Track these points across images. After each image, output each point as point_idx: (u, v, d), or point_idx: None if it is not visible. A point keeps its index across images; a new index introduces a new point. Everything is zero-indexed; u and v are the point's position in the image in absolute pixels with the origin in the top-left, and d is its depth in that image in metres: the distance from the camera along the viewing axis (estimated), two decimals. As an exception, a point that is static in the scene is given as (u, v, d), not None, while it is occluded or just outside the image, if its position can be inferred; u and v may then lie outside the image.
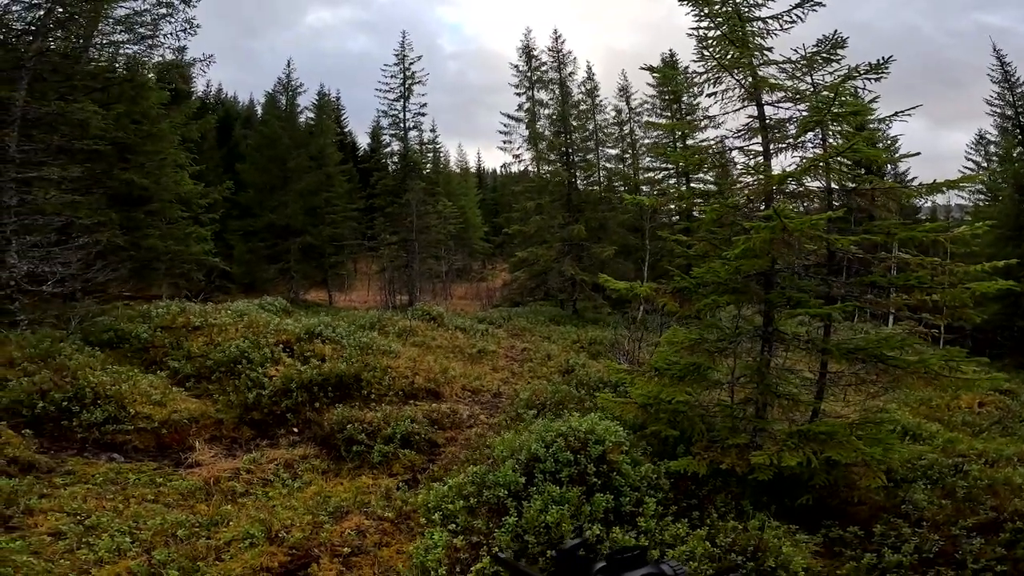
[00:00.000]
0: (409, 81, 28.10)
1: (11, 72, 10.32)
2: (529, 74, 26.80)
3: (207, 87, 39.19)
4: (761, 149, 5.57)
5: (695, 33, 5.32)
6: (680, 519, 4.59)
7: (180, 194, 16.98)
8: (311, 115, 32.61)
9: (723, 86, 5.39)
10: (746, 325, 6.83)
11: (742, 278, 5.65)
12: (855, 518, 4.85)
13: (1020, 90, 25.24)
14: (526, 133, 26.76)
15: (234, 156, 30.12)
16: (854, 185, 5.96)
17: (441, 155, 37.00)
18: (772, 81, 5.23)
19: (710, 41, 5.26)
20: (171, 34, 14.09)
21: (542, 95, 26.39)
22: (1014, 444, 6.95)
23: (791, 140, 5.49)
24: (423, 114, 28.86)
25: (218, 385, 7.89)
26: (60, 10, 11.15)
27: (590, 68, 27.10)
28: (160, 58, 14.68)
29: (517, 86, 27.29)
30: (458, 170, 49.42)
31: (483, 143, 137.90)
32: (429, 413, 7.29)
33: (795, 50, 5.54)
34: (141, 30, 13.62)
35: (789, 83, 5.41)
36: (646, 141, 28.79)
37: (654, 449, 5.54)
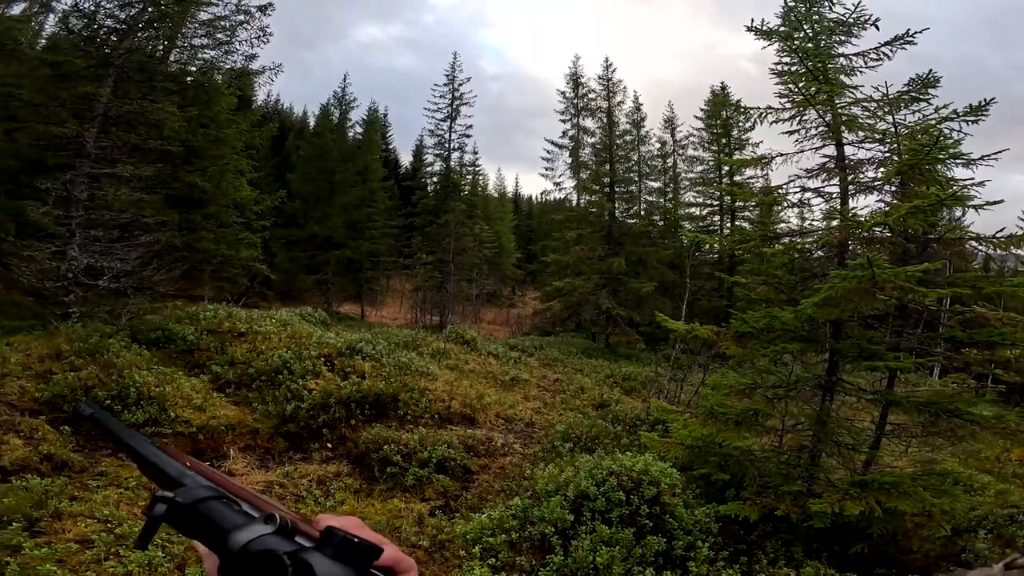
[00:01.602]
0: (457, 102, 28.68)
1: (99, 69, 10.77)
2: (575, 101, 26.97)
3: (267, 96, 41.07)
4: (838, 191, 5.30)
5: (776, 68, 5.15)
6: (731, 564, 4.41)
7: (236, 199, 17.44)
8: (360, 130, 33.59)
9: (803, 124, 5.17)
10: (803, 372, 6.56)
11: (811, 326, 5.39)
12: (911, 567, 4.76)
13: None
14: (569, 161, 26.83)
15: (286, 166, 31.08)
16: (936, 235, 5.65)
17: (480, 178, 37.48)
18: (854, 121, 5.00)
19: (791, 77, 5.08)
20: (245, 41, 14.55)
21: (587, 123, 26.43)
22: None
23: (870, 182, 5.21)
24: (468, 135, 29.34)
25: (257, 394, 7.87)
26: (151, 9, 11.61)
27: (637, 98, 27.08)
28: (232, 65, 15.09)
29: (563, 113, 27.53)
30: (496, 194, 49.93)
31: (520, 167, 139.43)
32: (464, 439, 7.10)
33: (876, 88, 5.33)
34: (220, 35, 14.11)
35: (871, 122, 5.16)
36: (690, 175, 28.45)
37: (701, 491, 5.41)
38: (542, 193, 33.13)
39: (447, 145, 29.11)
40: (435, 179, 31.00)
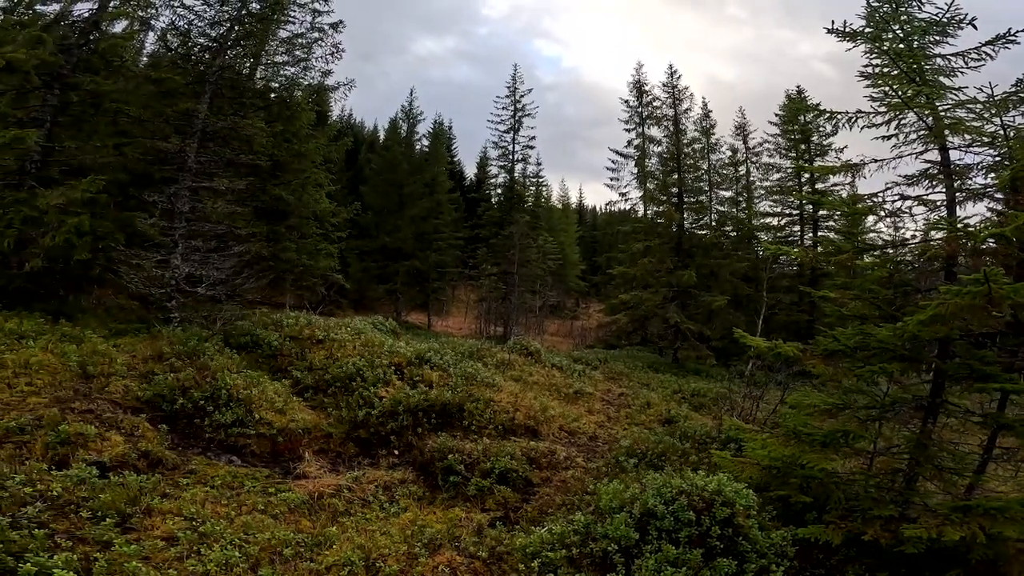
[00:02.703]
0: (520, 114, 29.00)
1: (196, 86, 11.72)
2: (640, 110, 26.47)
3: (342, 111, 43.42)
4: (943, 198, 4.84)
5: (865, 71, 4.81)
6: None
7: (316, 211, 18.43)
8: (426, 143, 34.71)
9: (900, 128, 4.78)
10: (901, 393, 6.07)
11: (913, 345, 4.95)
12: None
13: None
14: (635, 171, 26.32)
15: (359, 179, 32.59)
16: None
17: (544, 189, 37.61)
18: (959, 123, 4.56)
19: (884, 79, 4.72)
20: (321, 58, 15.30)
21: (653, 131, 25.84)
22: None
23: (980, 189, 4.72)
24: (531, 147, 29.58)
25: (333, 399, 8.21)
26: (238, 28, 12.48)
27: (706, 104, 26.18)
28: (310, 81, 15.85)
29: (627, 122, 27.10)
30: (560, 205, 49.91)
31: (581, 177, 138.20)
32: (527, 451, 7.06)
33: (980, 89, 4.85)
34: (298, 52, 14.96)
35: (977, 124, 4.69)
36: (765, 184, 27.03)
37: (778, 513, 5.16)
38: (607, 204, 32.72)
39: (511, 157, 29.49)
40: (499, 190, 31.47)
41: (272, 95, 15.95)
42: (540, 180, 32.77)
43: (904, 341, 5.13)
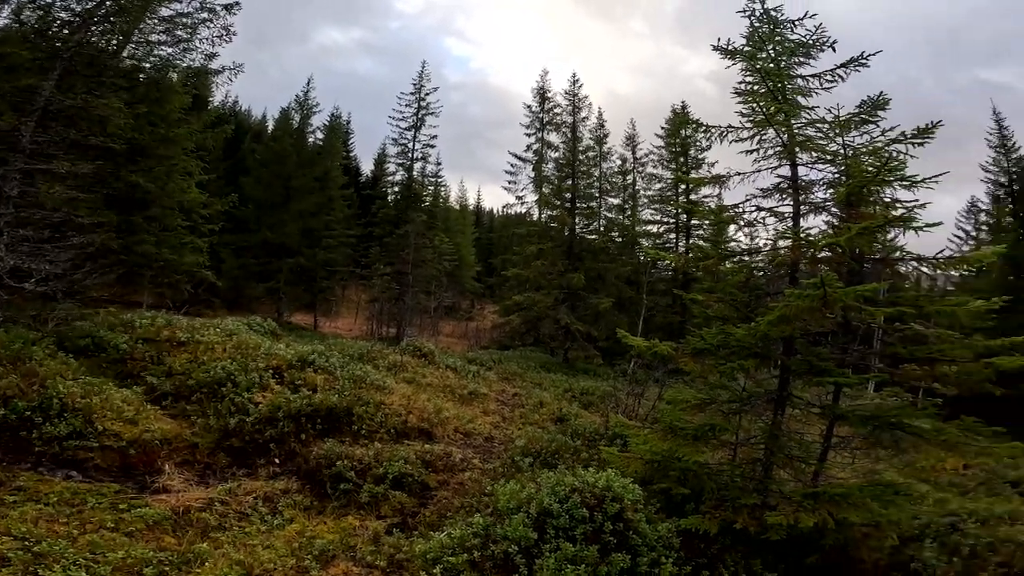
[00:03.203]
0: (423, 111, 28.50)
1: (46, 62, 10.14)
2: (541, 115, 27.28)
3: (225, 97, 39.53)
4: (791, 210, 5.51)
5: (738, 87, 5.33)
6: None
7: (183, 202, 16.59)
8: (321, 135, 32.78)
9: (761, 144, 5.36)
10: (755, 388, 6.73)
11: (764, 343, 5.54)
12: None
13: (1016, 155, 24.87)
14: (532, 175, 27.04)
15: (239, 169, 29.88)
16: (879, 255, 5.95)
17: (443, 189, 37.28)
18: (808, 142, 5.22)
19: (753, 96, 5.26)
20: (207, 39, 14.14)
21: (552, 137, 26.74)
22: (1001, 503, 6.99)
23: (820, 202, 5.45)
24: (432, 146, 29.15)
25: (197, 406, 7.43)
26: (109, 2, 11.09)
27: (601, 114, 27.71)
28: (190, 63, 14.62)
29: (528, 126, 27.79)
30: (457, 206, 49.80)
31: (481, 178, 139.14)
32: (422, 454, 6.88)
33: (829, 110, 5.59)
34: (180, 32, 13.69)
35: (823, 143, 5.40)
36: (648, 193, 29.20)
37: (662, 505, 5.42)
38: (504, 206, 33.33)
39: (410, 155, 28.85)
40: (396, 189, 30.65)
41: (141, 76, 14.26)
42: (439, 180, 32.47)
43: (757, 340, 5.65)
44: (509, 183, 27.90)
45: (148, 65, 14.35)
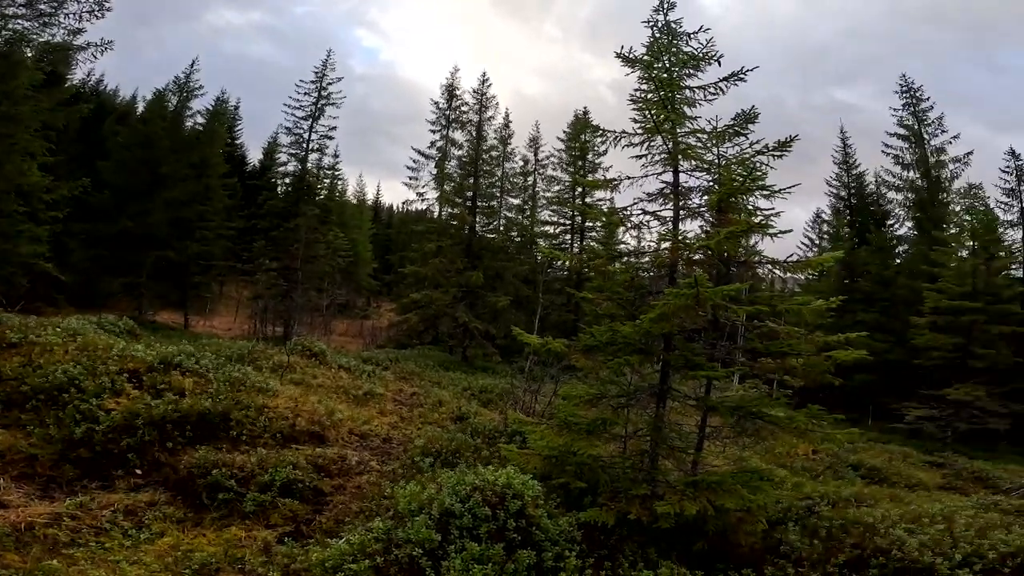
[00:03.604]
0: (323, 101, 26.89)
1: None
2: (448, 112, 27.06)
3: (88, 75, 34.24)
4: (672, 215, 5.99)
5: (635, 95, 5.68)
6: (598, 571, 4.55)
7: (22, 185, 14.27)
8: (202, 120, 29.69)
9: (649, 150, 5.77)
10: (640, 382, 7.19)
11: (647, 340, 5.95)
12: (743, 560, 5.21)
13: (855, 172, 29.19)
14: (435, 171, 26.74)
15: (97, 152, 26.11)
16: (744, 259, 6.70)
17: (339, 182, 35.51)
18: (689, 150, 5.71)
19: (646, 104, 5.64)
20: (74, 15, 12.81)
21: (457, 135, 26.66)
22: (846, 486, 8.00)
23: (696, 208, 6.00)
24: (330, 137, 27.61)
25: (34, 415, 6.38)
26: None
27: (508, 115, 28.05)
28: (49, 38, 13.07)
29: (433, 123, 27.42)
30: (355, 200, 47.74)
31: (380, 173, 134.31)
32: (313, 458, 6.49)
33: (709, 121, 6.15)
34: (42, 6, 12.21)
35: (701, 152, 5.93)
36: (547, 194, 30.18)
37: (562, 500, 5.53)
38: (404, 203, 32.62)
39: (305, 145, 27.10)
40: (287, 180, 28.59)
41: None
42: (336, 172, 30.77)
43: (641, 336, 6.01)
44: (411, 179, 27.41)
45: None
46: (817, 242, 32.77)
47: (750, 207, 5.99)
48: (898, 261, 27.17)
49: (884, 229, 27.70)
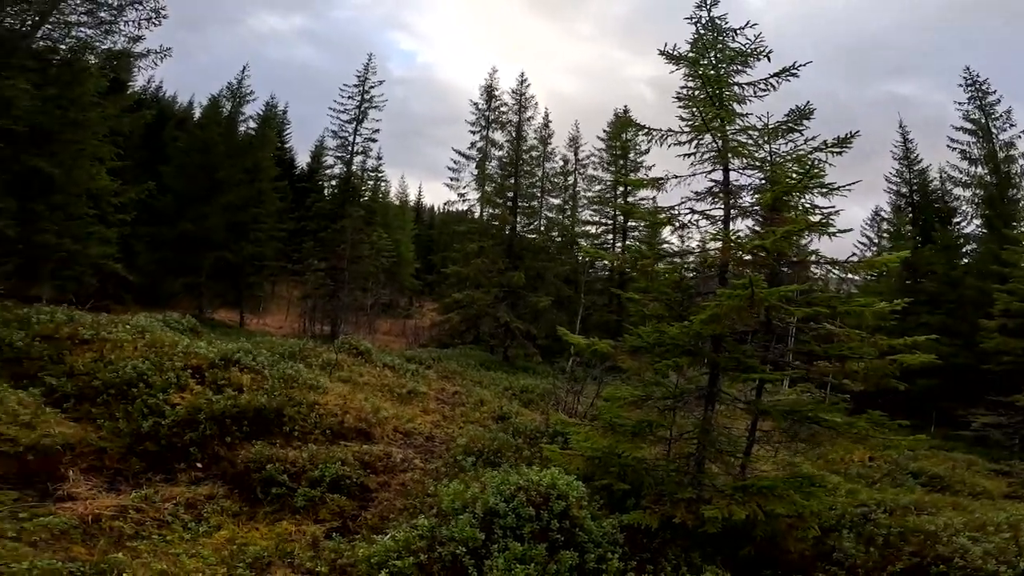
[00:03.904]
0: (366, 105, 27.61)
1: None
2: (487, 113, 27.21)
3: (148, 82, 36.50)
4: (722, 214, 5.80)
5: (680, 92, 5.55)
6: (641, 574, 4.51)
7: (91, 189, 15.20)
8: (253, 125, 31.05)
9: (698, 148, 5.61)
10: (687, 384, 7.02)
11: (696, 341, 5.80)
12: (792, 567, 5.11)
13: (917, 167, 27.38)
14: (475, 172, 26.94)
15: (159, 158, 27.72)
16: (798, 258, 6.41)
17: (383, 184, 36.33)
18: (740, 148, 5.51)
19: (693, 102, 5.49)
20: (133, 22, 13.30)
21: (496, 136, 26.75)
22: (905, 494, 7.62)
23: (748, 207, 5.78)
24: (374, 140, 28.29)
25: (104, 409, 6.79)
26: None
27: (547, 115, 28.06)
28: (111, 46, 13.65)
29: (473, 124, 27.63)
30: (397, 201, 48.77)
31: (422, 175, 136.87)
32: (360, 455, 6.66)
33: (759, 117, 5.94)
34: (103, 14, 12.75)
35: (752, 150, 5.72)
36: (588, 194, 29.90)
37: (604, 502, 5.49)
38: (445, 203, 32.89)
39: (350, 148, 27.87)
40: (334, 183, 29.50)
41: (56, 57, 13.08)
42: (379, 175, 31.55)
43: (690, 338, 5.91)
44: (452, 180, 27.68)
45: (64, 47, 13.28)
46: (876, 241, 30.98)
47: (806, 205, 5.72)
48: (965, 261, 25.36)
49: (950, 227, 25.93)
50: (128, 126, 17.11)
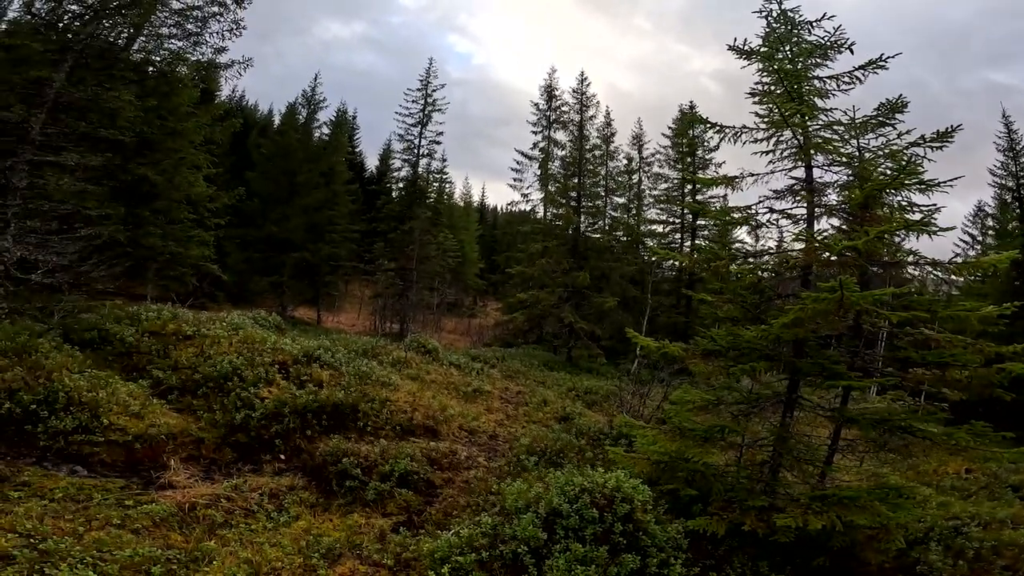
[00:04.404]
0: (429, 108, 28.39)
1: (56, 54, 10.14)
2: (548, 113, 27.17)
3: (232, 92, 39.65)
4: (805, 213, 5.45)
5: (755, 88, 5.27)
6: None
7: (190, 195, 16.63)
8: (327, 131, 32.79)
9: (776, 145, 5.30)
10: (763, 389, 6.68)
11: (775, 345, 5.50)
12: None
13: None
14: (538, 172, 26.96)
15: (245, 164, 29.97)
16: (889, 259, 5.91)
17: (447, 186, 37.24)
18: (824, 143, 5.16)
19: (769, 97, 5.20)
20: (216, 33, 14.11)
21: (558, 135, 26.65)
22: (1003, 508, 6.97)
23: (835, 205, 5.39)
24: (438, 142, 29.00)
25: (204, 401, 7.40)
26: None
27: (608, 113, 27.57)
28: (199, 57, 14.57)
29: (534, 124, 27.69)
30: (462, 203, 49.76)
31: (484, 175, 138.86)
32: (428, 452, 6.86)
33: (845, 112, 5.53)
34: (190, 26, 13.63)
35: (838, 145, 5.34)
36: (654, 192, 29.10)
37: (669, 506, 5.40)
38: (508, 204, 33.32)
39: (416, 151, 28.73)
40: (401, 185, 30.53)
41: (151, 69, 14.28)
42: (444, 176, 32.35)
43: (768, 342, 5.64)
44: (515, 180, 27.87)
45: (158, 59, 14.37)
46: (980, 239, 27.94)
47: (902, 203, 5.26)
48: (1081, 260, 22.18)
49: (1062, 223, 22.86)
50: (219, 135, 18.50)
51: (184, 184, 16.24)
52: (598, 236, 26.31)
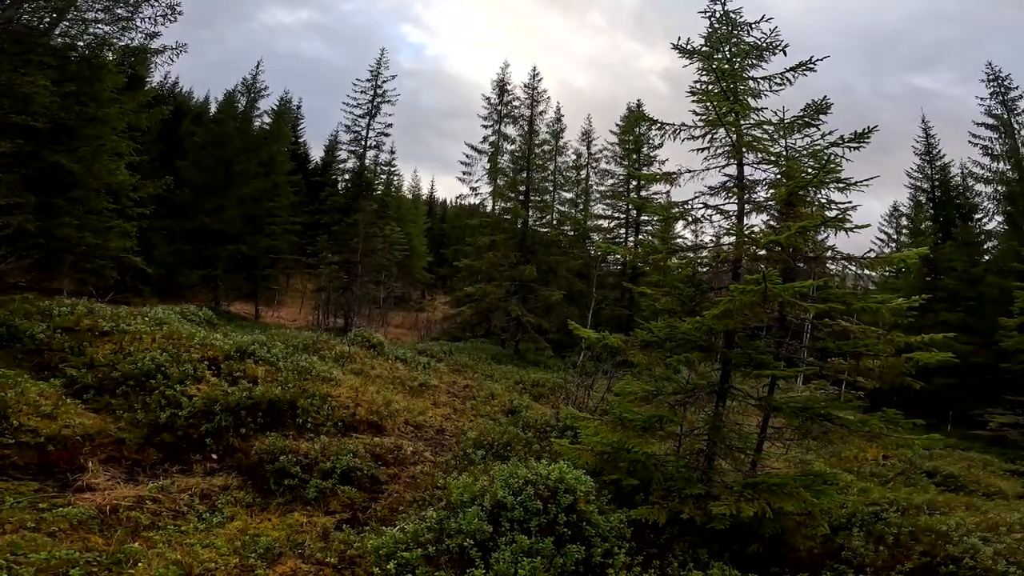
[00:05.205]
0: (379, 99, 27.69)
1: None
2: (499, 107, 27.14)
3: (164, 78, 37.09)
4: (736, 208, 5.73)
5: (694, 87, 5.48)
6: (647, 569, 4.52)
7: (111, 184, 15.47)
8: (268, 120, 31.33)
9: (711, 143, 5.54)
10: (699, 380, 6.98)
11: (708, 336, 5.76)
12: (800, 564, 5.09)
13: (939, 163, 26.70)
14: (487, 166, 26.90)
15: (176, 152, 28.14)
16: (814, 254, 6.32)
17: (395, 178, 36.47)
18: (755, 142, 5.44)
19: (707, 96, 5.42)
20: (149, 19, 13.44)
21: (509, 130, 26.70)
22: (919, 493, 7.59)
23: (763, 202, 5.70)
24: (386, 134, 28.36)
25: (123, 400, 6.91)
26: None
27: (559, 109, 27.90)
28: (128, 42, 13.76)
29: (485, 118, 27.58)
30: (410, 195, 48.96)
31: (433, 168, 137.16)
32: (371, 447, 6.73)
33: (775, 112, 5.85)
34: (120, 11, 12.86)
35: (767, 144, 5.64)
36: (601, 188, 29.73)
37: (612, 496, 5.51)
38: (457, 197, 33.18)
39: (363, 142, 27.98)
40: (347, 176, 29.69)
41: (74, 54, 13.24)
42: (392, 168, 31.67)
43: (703, 333, 5.88)
44: (464, 174, 27.68)
45: (82, 43, 13.44)
46: (895, 237, 30.44)
47: (822, 201, 5.63)
48: (987, 258, 24.82)
49: (971, 223, 25.36)
50: (146, 121, 17.33)
51: (104, 172, 15.09)
52: (546, 230, 26.60)
